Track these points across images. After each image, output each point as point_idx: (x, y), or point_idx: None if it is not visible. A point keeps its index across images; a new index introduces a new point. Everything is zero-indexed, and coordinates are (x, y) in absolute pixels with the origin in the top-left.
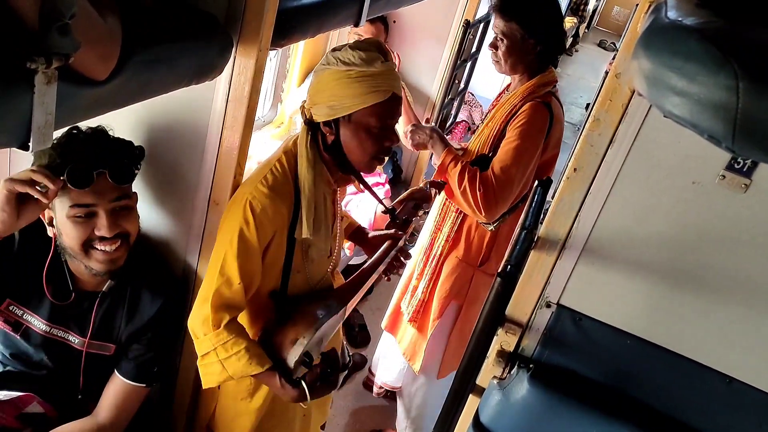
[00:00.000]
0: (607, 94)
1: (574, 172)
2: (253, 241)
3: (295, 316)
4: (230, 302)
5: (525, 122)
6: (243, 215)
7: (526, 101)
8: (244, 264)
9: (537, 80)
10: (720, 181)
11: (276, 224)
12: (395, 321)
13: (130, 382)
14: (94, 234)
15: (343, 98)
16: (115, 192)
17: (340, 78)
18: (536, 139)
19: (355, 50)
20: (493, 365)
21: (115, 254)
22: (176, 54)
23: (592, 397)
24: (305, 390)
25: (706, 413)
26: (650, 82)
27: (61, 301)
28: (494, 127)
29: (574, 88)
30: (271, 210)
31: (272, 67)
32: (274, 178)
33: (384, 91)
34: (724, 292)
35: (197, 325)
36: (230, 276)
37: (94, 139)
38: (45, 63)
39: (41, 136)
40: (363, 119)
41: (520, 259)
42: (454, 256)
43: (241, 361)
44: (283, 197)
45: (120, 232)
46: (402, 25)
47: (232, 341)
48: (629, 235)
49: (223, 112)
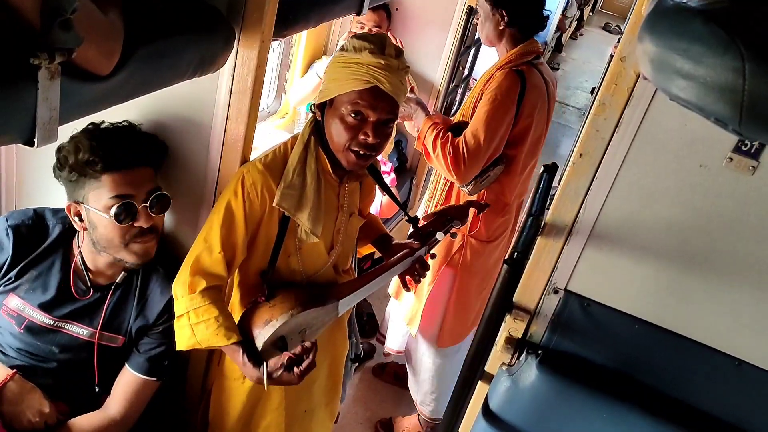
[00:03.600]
0: (613, 78)
1: (580, 157)
2: (238, 213)
3: (276, 298)
4: (208, 269)
5: (494, 88)
6: (234, 188)
7: (501, 70)
8: (227, 234)
9: (516, 50)
10: (727, 163)
11: (265, 200)
12: (398, 287)
13: (142, 376)
14: (133, 227)
15: (329, 81)
16: (150, 184)
17: (334, 62)
18: (504, 105)
19: (354, 38)
20: (501, 352)
21: (149, 246)
22: (179, 47)
23: (601, 382)
24: (263, 373)
25: (715, 396)
26: (655, 65)
27: (80, 296)
28: (474, 96)
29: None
30: (260, 185)
31: (275, 58)
32: (274, 157)
33: (364, 80)
34: (732, 275)
35: (178, 285)
36: (212, 243)
37: (126, 131)
38: (48, 58)
39: (46, 131)
40: (340, 105)
41: (527, 245)
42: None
43: (209, 329)
44: (275, 175)
45: (152, 225)
46: (404, 13)
47: (204, 308)
48: (636, 220)
49: (227, 104)
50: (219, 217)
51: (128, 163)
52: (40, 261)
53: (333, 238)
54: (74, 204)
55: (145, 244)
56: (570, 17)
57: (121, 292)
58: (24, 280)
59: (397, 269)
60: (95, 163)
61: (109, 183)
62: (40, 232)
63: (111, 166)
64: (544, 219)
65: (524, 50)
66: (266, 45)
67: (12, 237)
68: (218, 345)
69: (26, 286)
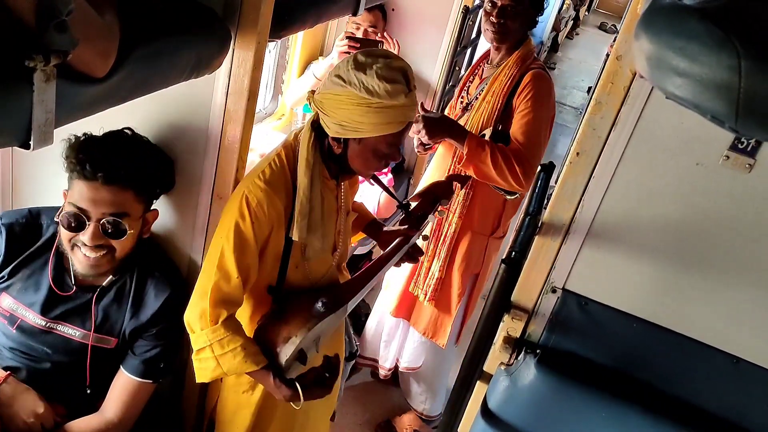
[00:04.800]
0: (609, 76)
1: (576, 156)
2: (249, 236)
3: (289, 313)
4: (228, 297)
5: (534, 93)
6: (239, 209)
7: (522, 71)
8: (241, 258)
9: (524, 51)
10: (724, 161)
11: (272, 219)
12: (405, 305)
13: (137, 379)
14: (79, 236)
15: (358, 123)
16: (111, 207)
17: (360, 105)
18: (547, 106)
19: (381, 80)
20: (499, 351)
21: (96, 263)
22: (175, 48)
23: (600, 381)
24: (299, 391)
25: (713, 394)
26: (652, 63)
27: (62, 292)
28: (495, 101)
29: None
30: (266, 204)
31: (272, 59)
32: (272, 172)
33: (400, 122)
34: (730, 273)
35: (194, 319)
36: (228, 271)
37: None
38: (43, 61)
39: (42, 134)
40: (374, 144)
41: (525, 245)
42: (468, 231)
43: (236, 358)
44: (279, 192)
45: (103, 244)
46: (400, 13)
47: (229, 338)
48: (634, 218)
49: (224, 106)
50: (229, 242)
51: (98, 176)
52: (33, 260)
53: (335, 240)
54: (66, 192)
55: (89, 258)
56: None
57: (114, 294)
58: (16, 279)
59: (395, 259)
60: (72, 167)
61: (76, 189)
62: (34, 232)
63: (81, 175)
64: (541, 218)
65: (528, 49)
66: (262, 46)
67: (5, 235)
68: (245, 372)
69: (19, 285)
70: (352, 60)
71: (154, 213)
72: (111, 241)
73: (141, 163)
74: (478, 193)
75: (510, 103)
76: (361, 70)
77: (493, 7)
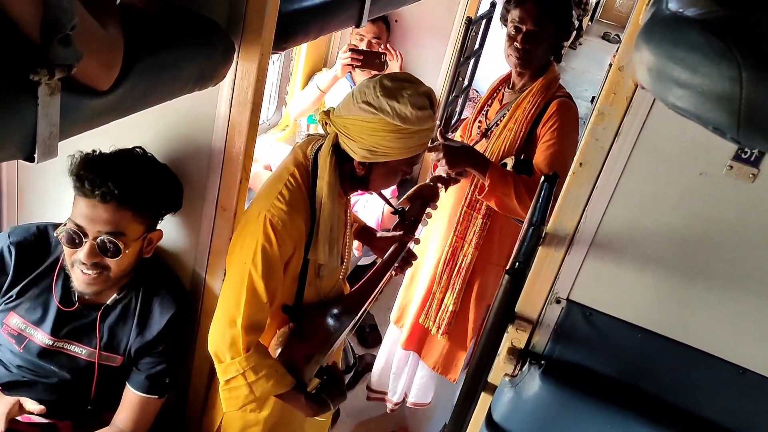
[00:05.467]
0: (611, 87)
1: (579, 166)
2: (276, 259)
3: (306, 331)
4: (258, 323)
5: (561, 123)
6: (264, 233)
7: (547, 99)
8: (269, 282)
9: (549, 78)
10: (727, 171)
11: (295, 240)
12: (415, 338)
13: (143, 395)
14: (77, 254)
15: (389, 149)
16: (108, 226)
17: (392, 131)
18: (574, 136)
19: (414, 107)
20: (504, 362)
21: (92, 281)
22: (179, 61)
23: (605, 392)
24: (329, 404)
25: (719, 405)
26: (653, 74)
27: (66, 307)
28: (519, 129)
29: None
30: (290, 226)
31: (275, 71)
32: (290, 193)
33: (425, 144)
34: (735, 283)
35: (223, 349)
36: (259, 296)
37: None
38: (48, 74)
39: (46, 147)
40: (397, 165)
41: (529, 255)
42: (484, 261)
43: (269, 382)
44: (300, 213)
45: (99, 263)
46: (404, 24)
47: (260, 363)
48: (637, 229)
49: (227, 117)
50: (257, 267)
51: (96, 195)
52: (42, 279)
53: (343, 253)
54: None
55: (85, 275)
56: None
57: (120, 312)
58: (25, 299)
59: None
60: (74, 183)
61: (75, 206)
62: (43, 250)
63: (81, 191)
64: (545, 229)
65: (553, 75)
66: (266, 58)
67: (14, 255)
68: (276, 394)
69: (27, 304)
70: (379, 86)
71: (158, 234)
72: (106, 260)
73: (142, 183)
74: (497, 222)
75: (533, 132)
76: (392, 97)
77: (517, 32)
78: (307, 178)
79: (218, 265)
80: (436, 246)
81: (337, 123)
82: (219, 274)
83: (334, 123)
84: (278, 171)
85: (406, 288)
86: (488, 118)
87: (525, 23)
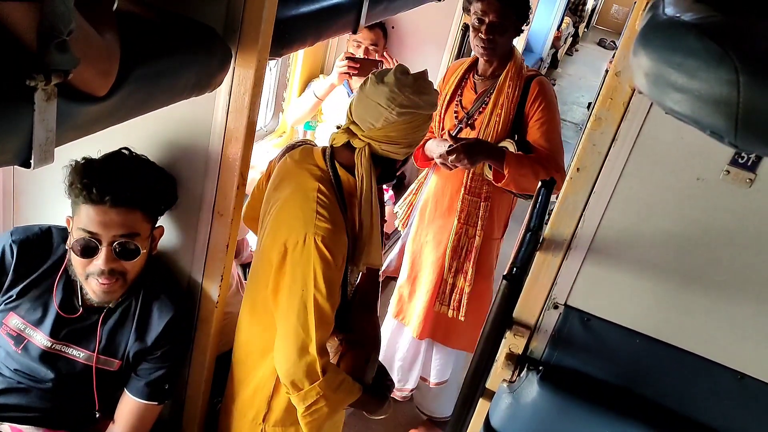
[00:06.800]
0: (608, 92)
1: (577, 171)
2: (336, 277)
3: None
4: (326, 341)
5: (547, 100)
6: (319, 256)
7: (524, 80)
8: (333, 301)
9: (518, 61)
10: (724, 176)
11: (343, 255)
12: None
13: (142, 401)
14: (93, 264)
15: (423, 136)
16: (122, 229)
17: (427, 120)
18: (557, 109)
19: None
20: (502, 368)
21: (110, 289)
22: (176, 67)
23: (603, 398)
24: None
25: (718, 410)
26: (650, 79)
27: (68, 314)
28: (507, 112)
29: (575, 87)
30: (339, 242)
31: (272, 77)
32: (328, 210)
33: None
34: (732, 288)
35: (301, 377)
36: (327, 318)
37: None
38: (44, 80)
39: (43, 153)
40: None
41: (526, 261)
42: (488, 239)
43: (345, 395)
44: (341, 227)
45: (116, 268)
46: (400, 31)
47: (336, 381)
48: (635, 234)
49: (224, 124)
50: (320, 291)
51: (106, 200)
52: (43, 280)
53: None
54: (70, 218)
55: (103, 285)
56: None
57: (119, 316)
58: (25, 299)
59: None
60: (78, 189)
61: (84, 215)
62: (45, 251)
63: (88, 197)
64: (542, 234)
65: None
66: (263, 64)
67: (16, 254)
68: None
69: (27, 305)
70: (403, 87)
71: (160, 229)
72: (123, 263)
73: (145, 182)
74: (495, 201)
75: (520, 112)
76: (420, 92)
77: (480, 23)
78: (334, 191)
79: (215, 269)
80: (437, 238)
81: (375, 135)
82: (216, 279)
83: (371, 137)
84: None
85: (406, 282)
86: (464, 106)
87: (487, 15)
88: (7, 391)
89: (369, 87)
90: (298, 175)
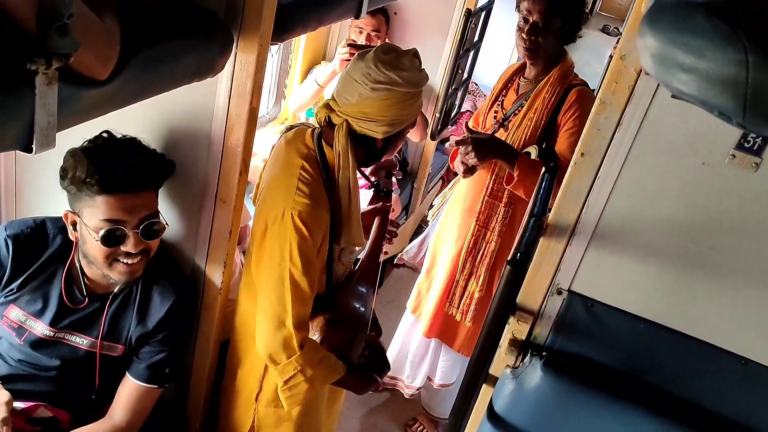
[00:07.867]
0: (613, 76)
1: (581, 156)
2: (312, 252)
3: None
4: (305, 318)
5: (582, 111)
6: (294, 230)
7: (565, 88)
8: (310, 275)
9: (564, 67)
10: (730, 160)
11: (322, 231)
12: (438, 325)
13: (143, 384)
14: (120, 249)
15: (405, 115)
16: (145, 210)
17: (407, 99)
18: None
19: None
20: (505, 354)
21: (136, 267)
22: (177, 52)
23: (607, 383)
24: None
25: (722, 396)
26: (657, 60)
27: (73, 304)
28: (539, 118)
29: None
30: (317, 218)
31: (274, 64)
32: (308, 186)
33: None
34: (737, 273)
35: (278, 350)
36: (303, 292)
37: (131, 150)
38: (45, 64)
39: (44, 137)
40: (408, 127)
41: (530, 246)
42: (507, 249)
43: (326, 372)
44: (322, 204)
45: (144, 248)
46: (403, 17)
47: (315, 356)
48: (639, 219)
49: (226, 109)
50: (296, 265)
51: (125, 187)
52: (41, 272)
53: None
54: (71, 213)
55: (130, 266)
56: None
57: (121, 301)
58: (25, 291)
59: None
60: (91, 185)
61: (103, 205)
62: (41, 242)
63: (107, 189)
64: (546, 219)
65: (569, 64)
66: (265, 49)
67: (12, 248)
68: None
69: (27, 297)
70: (379, 63)
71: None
72: (149, 242)
73: (148, 160)
74: (518, 210)
75: (553, 120)
76: (397, 68)
77: (525, 23)
78: (318, 168)
79: (218, 256)
80: (455, 236)
81: (350, 111)
82: (219, 266)
83: (346, 113)
84: (281, 167)
85: (425, 278)
86: (504, 107)
87: (532, 15)
88: (12, 378)
89: (351, 64)
90: (286, 153)
